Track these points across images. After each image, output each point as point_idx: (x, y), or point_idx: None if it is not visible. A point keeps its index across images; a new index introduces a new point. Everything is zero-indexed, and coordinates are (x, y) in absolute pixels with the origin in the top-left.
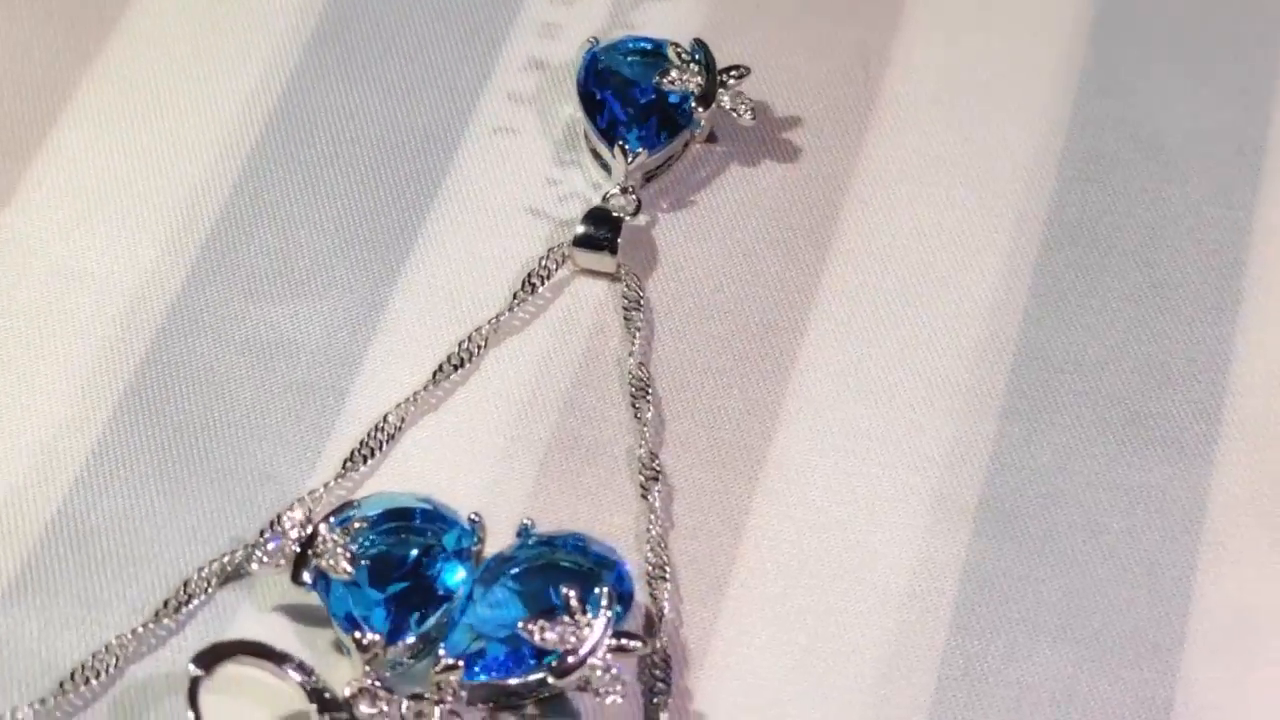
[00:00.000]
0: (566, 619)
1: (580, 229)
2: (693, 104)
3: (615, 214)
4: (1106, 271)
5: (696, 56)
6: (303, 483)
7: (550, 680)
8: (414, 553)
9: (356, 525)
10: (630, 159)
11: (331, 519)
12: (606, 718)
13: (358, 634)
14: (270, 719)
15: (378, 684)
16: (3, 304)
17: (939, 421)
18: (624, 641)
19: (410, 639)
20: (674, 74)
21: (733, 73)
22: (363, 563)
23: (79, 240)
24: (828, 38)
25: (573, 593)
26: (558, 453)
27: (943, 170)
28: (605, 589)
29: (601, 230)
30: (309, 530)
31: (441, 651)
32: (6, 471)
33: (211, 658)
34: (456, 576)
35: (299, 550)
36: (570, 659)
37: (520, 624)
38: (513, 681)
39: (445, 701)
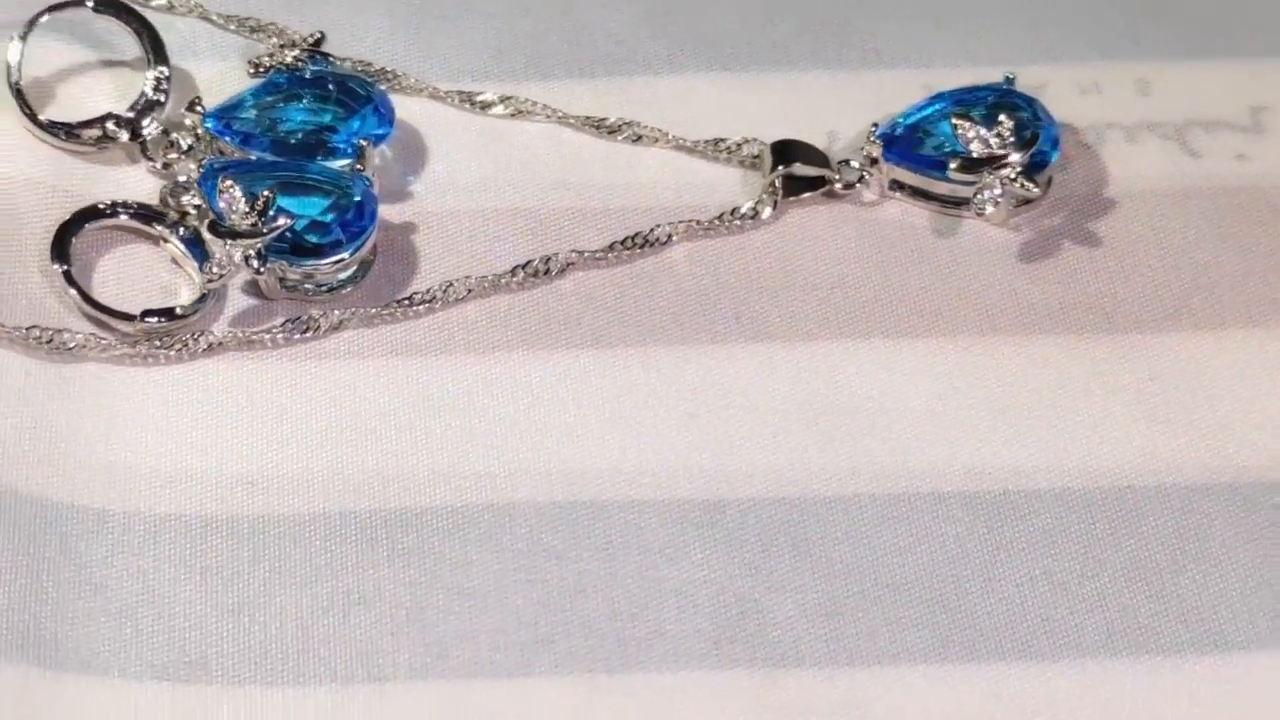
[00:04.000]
0: (245, 210)
1: (788, 140)
2: (955, 165)
3: (824, 160)
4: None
5: (1011, 135)
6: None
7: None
8: (314, 113)
9: (297, 60)
10: (869, 140)
11: (302, 51)
12: None
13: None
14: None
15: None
16: None
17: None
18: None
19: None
20: (965, 126)
21: (1021, 179)
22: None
23: None
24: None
25: (264, 196)
26: (505, 211)
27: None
28: (281, 222)
29: (796, 156)
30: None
31: (210, 123)
32: None
33: None
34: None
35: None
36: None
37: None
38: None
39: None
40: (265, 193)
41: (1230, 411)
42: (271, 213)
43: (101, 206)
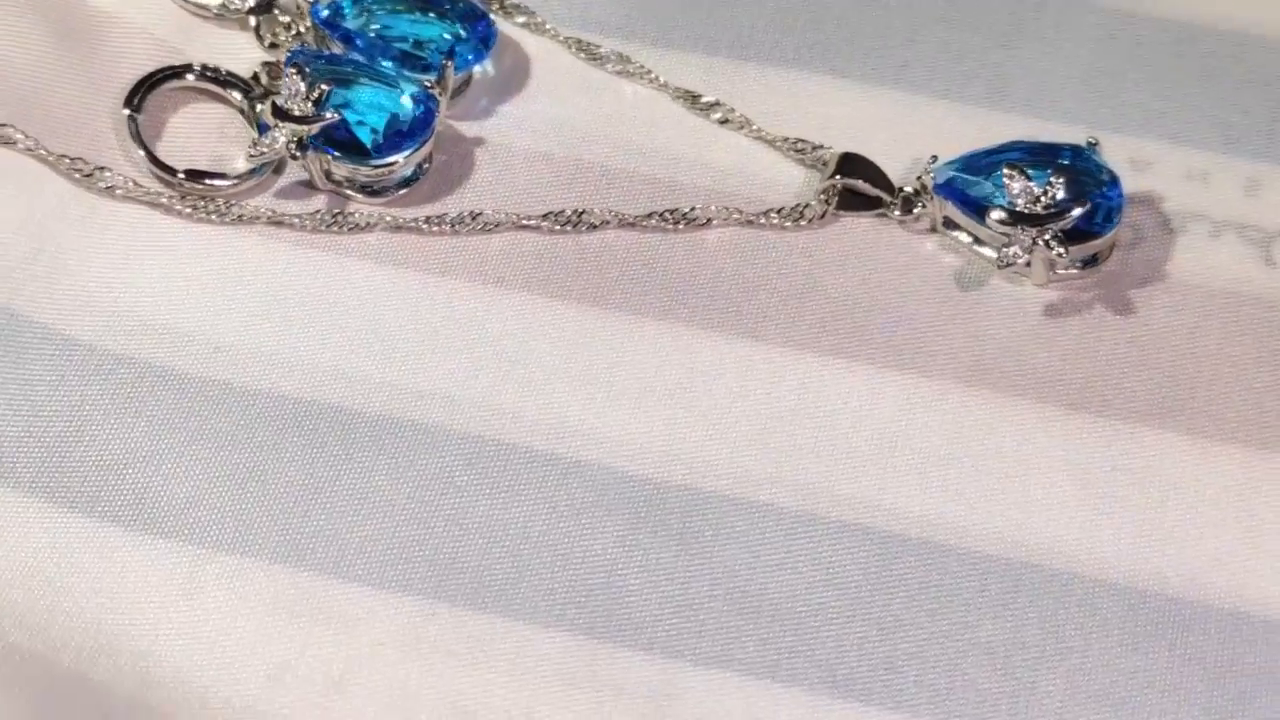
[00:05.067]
0: (303, 98)
1: (857, 154)
2: (995, 215)
3: (886, 183)
4: None
5: (1059, 197)
6: None
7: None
8: (418, 25)
9: None
10: (925, 170)
11: None
12: None
13: None
14: None
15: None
16: None
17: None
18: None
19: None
20: (1014, 178)
21: (1054, 242)
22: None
23: None
24: None
25: (321, 88)
26: (570, 160)
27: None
28: (329, 115)
29: (859, 172)
30: None
31: (315, 14)
32: None
33: None
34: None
35: None
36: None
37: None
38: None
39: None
40: (323, 85)
41: (1177, 522)
42: (326, 104)
43: (189, 66)
